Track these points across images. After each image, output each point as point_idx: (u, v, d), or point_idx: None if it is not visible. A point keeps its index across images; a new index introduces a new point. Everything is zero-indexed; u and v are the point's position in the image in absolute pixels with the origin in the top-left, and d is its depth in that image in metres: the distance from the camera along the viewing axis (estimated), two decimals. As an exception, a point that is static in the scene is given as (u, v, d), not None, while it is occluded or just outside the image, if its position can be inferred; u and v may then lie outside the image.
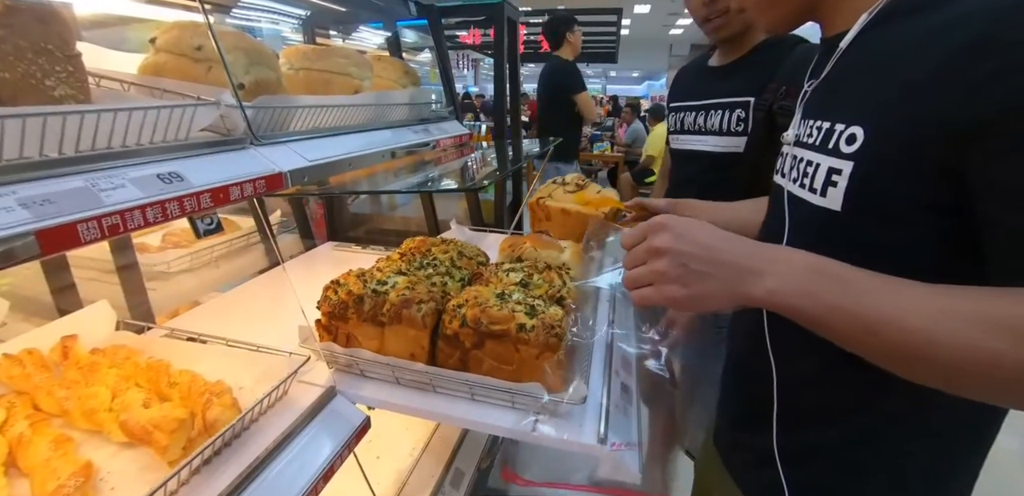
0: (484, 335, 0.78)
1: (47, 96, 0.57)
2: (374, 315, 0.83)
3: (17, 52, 0.55)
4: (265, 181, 0.68)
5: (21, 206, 0.44)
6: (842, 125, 0.55)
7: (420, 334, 0.82)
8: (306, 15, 1.62)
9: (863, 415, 0.62)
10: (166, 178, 0.57)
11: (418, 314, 0.81)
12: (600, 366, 0.89)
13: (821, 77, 0.63)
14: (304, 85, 1.04)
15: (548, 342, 0.76)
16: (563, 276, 0.96)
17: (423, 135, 1.24)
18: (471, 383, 0.78)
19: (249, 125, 0.74)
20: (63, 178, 0.50)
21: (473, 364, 0.81)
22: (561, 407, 0.76)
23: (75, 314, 0.96)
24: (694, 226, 0.54)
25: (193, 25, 0.78)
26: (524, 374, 0.78)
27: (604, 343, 0.96)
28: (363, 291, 0.85)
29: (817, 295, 0.47)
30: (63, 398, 0.75)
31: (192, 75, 0.76)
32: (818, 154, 0.59)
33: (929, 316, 0.44)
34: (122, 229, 0.49)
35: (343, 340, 0.88)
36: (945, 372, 0.44)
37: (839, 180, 0.55)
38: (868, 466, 0.64)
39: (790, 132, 0.68)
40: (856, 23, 0.57)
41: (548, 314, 0.79)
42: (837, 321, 0.47)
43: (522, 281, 0.91)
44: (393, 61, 1.40)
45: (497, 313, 0.78)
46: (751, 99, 1.16)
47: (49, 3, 0.58)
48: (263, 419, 0.75)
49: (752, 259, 0.50)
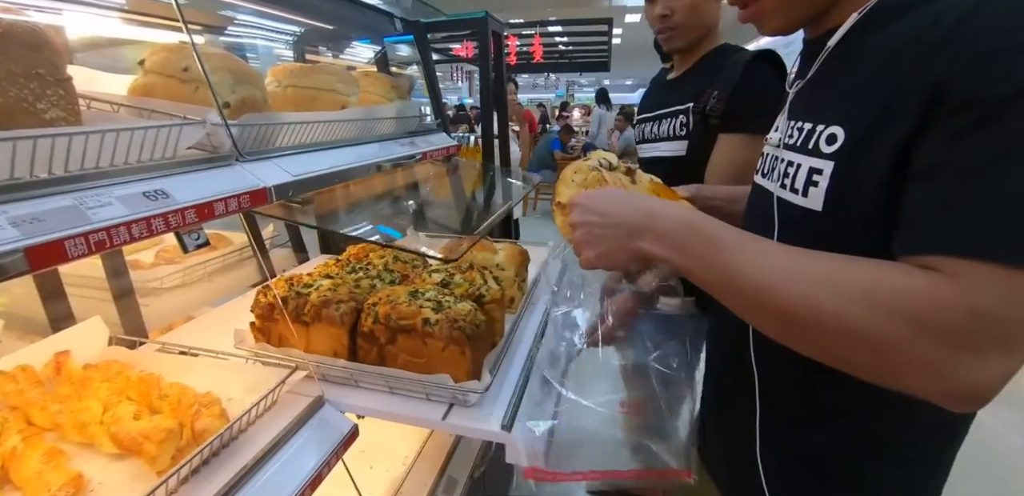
0: (395, 330, 0.85)
1: (39, 119, 0.59)
2: (298, 315, 0.89)
3: (9, 78, 0.57)
4: (249, 196, 0.71)
5: (11, 224, 0.46)
6: (822, 126, 0.56)
7: (339, 332, 0.88)
8: (295, 33, 1.66)
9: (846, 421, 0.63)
10: (152, 195, 0.59)
11: (336, 313, 0.87)
12: (522, 360, 0.97)
13: (807, 78, 0.63)
14: (292, 102, 1.07)
15: (452, 335, 0.81)
16: (486, 276, 1.02)
17: (410, 148, 1.27)
18: (386, 376, 0.84)
19: (235, 142, 0.76)
20: (52, 197, 0.52)
21: (389, 359, 0.87)
22: (471, 397, 0.81)
23: (68, 330, 0.97)
24: (596, 197, 0.63)
25: (180, 47, 0.81)
26: (435, 366, 0.83)
27: (533, 338, 1.04)
28: (288, 293, 0.92)
29: (686, 248, 0.54)
30: (56, 412, 0.76)
31: (180, 95, 0.79)
32: (799, 155, 0.59)
33: (773, 269, 0.48)
34: (108, 245, 0.51)
35: (276, 340, 0.93)
36: (778, 321, 0.49)
37: (820, 180, 0.55)
38: (849, 473, 0.65)
39: (773, 134, 0.68)
40: (845, 23, 0.57)
41: (455, 309, 0.85)
42: (702, 272, 0.53)
43: (443, 281, 0.98)
44: (380, 76, 1.43)
45: (405, 309, 0.84)
46: (691, 104, 1.23)
47: (40, 31, 0.61)
48: (252, 429, 0.76)
49: (641, 217, 0.57)
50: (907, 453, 0.63)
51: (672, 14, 1.22)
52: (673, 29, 1.24)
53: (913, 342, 0.42)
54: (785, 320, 0.48)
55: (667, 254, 0.55)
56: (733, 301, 0.52)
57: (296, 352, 0.85)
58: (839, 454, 0.64)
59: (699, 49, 1.28)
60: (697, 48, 1.28)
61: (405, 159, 1.21)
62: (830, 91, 0.59)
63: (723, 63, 1.19)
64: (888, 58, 0.51)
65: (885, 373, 0.45)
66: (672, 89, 1.34)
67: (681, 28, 1.23)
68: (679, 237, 0.54)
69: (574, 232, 0.64)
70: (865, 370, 0.46)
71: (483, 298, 0.95)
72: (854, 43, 0.57)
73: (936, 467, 0.65)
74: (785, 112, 0.67)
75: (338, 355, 0.88)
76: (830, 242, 0.54)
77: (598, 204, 0.61)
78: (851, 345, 0.45)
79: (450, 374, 0.81)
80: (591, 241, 0.61)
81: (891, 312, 0.43)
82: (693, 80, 1.26)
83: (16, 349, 0.91)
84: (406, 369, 0.84)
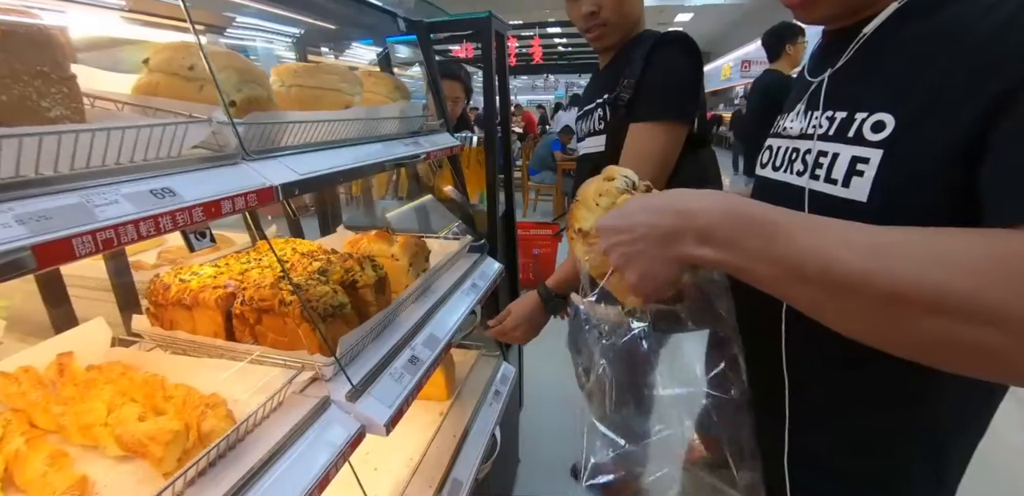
0: (259, 311, 0.92)
1: (43, 117, 0.59)
2: (179, 300, 0.97)
3: (14, 75, 0.56)
4: (256, 195, 0.70)
5: (18, 222, 0.45)
6: (864, 113, 0.54)
7: (215, 314, 0.96)
8: (298, 33, 1.65)
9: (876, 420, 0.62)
10: (159, 193, 0.58)
11: (211, 297, 0.95)
12: (394, 340, 1.04)
13: (837, 67, 0.61)
14: (296, 101, 1.06)
15: (304, 315, 0.88)
16: (365, 264, 1.09)
17: (413, 148, 1.26)
18: (250, 353, 0.91)
19: (240, 141, 0.75)
20: (59, 195, 0.51)
21: (260, 337, 0.95)
22: (327, 371, 0.86)
23: (71, 331, 0.96)
24: (618, 214, 0.54)
25: (185, 46, 0.80)
26: (295, 344, 0.91)
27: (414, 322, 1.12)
28: (173, 281, 1.01)
29: (740, 244, 0.45)
30: (59, 414, 0.75)
31: (185, 94, 0.78)
32: (836, 144, 0.57)
33: (871, 247, 0.41)
34: (116, 243, 0.51)
35: (167, 324, 1.01)
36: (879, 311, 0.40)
37: (866, 169, 0.53)
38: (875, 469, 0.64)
39: (790, 124, 0.66)
40: (885, 10, 0.56)
41: (313, 292, 0.93)
42: (766, 267, 0.44)
43: (320, 268, 1.04)
44: (383, 76, 1.42)
45: (266, 292, 0.93)
46: (606, 95, 1.18)
47: (44, 28, 0.60)
48: (258, 430, 0.75)
49: (673, 219, 0.49)
50: (933, 449, 0.62)
51: (599, 10, 1.16)
52: (603, 26, 1.18)
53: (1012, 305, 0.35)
54: (890, 308, 0.40)
55: (718, 255, 0.46)
56: (812, 294, 0.44)
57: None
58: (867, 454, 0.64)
59: (623, 42, 1.23)
60: (623, 42, 1.23)
61: (409, 159, 1.20)
62: (870, 79, 0.57)
63: (640, 52, 1.13)
64: (938, 44, 0.49)
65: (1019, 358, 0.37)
66: (596, 83, 1.29)
67: (610, 25, 1.18)
68: (726, 232, 0.46)
69: (610, 259, 0.56)
70: (990, 359, 0.38)
71: (356, 283, 1.04)
72: (891, 31, 0.56)
73: (960, 464, 0.65)
74: (805, 101, 0.65)
75: (217, 336, 0.97)
76: None
77: (622, 220, 0.53)
78: (980, 326, 0.36)
79: (307, 350, 0.89)
80: (627, 264, 0.52)
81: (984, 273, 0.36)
82: (611, 71, 1.21)
83: (18, 350, 0.90)
84: (275, 347, 0.93)
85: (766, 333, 0.67)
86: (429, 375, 1.03)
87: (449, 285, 1.35)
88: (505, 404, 1.58)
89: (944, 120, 0.47)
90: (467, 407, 1.48)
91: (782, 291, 0.46)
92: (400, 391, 0.93)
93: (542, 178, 6.47)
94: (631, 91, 1.10)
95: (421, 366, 1.01)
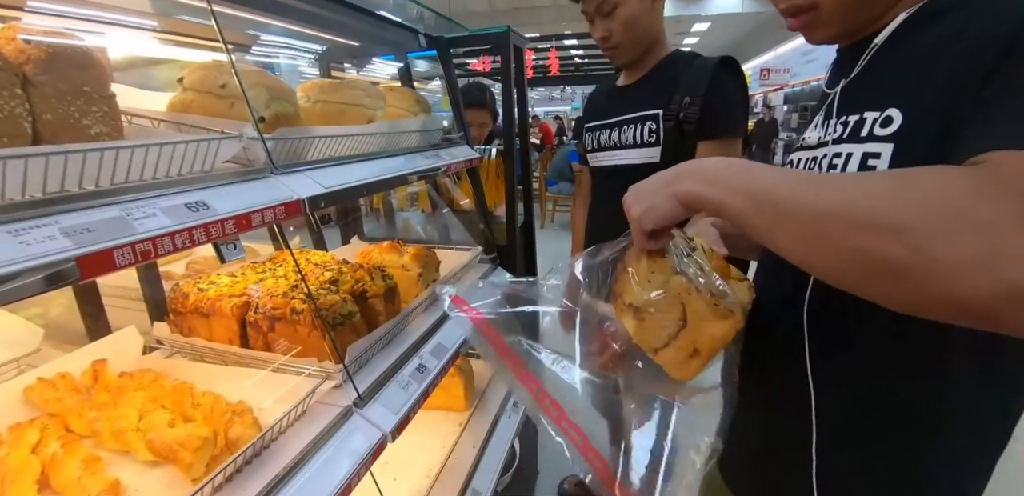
0: (272, 319, 0.95)
1: (85, 134, 0.62)
2: (197, 308, 1.00)
3: (58, 95, 0.60)
4: (284, 208, 0.72)
5: (63, 235, 0.48)
6: (875, 112, 0.55)
7: (230, 322, 0.98)
8: (322, 50, 1.70)
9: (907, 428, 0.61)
10: (193, 207, 0.61)
11: (227, 306, 0.98)
12: (403, 347, 1.06)
13: (851, 77, 0.62)
14: (321, 117, 1.09)
15: (315, 322, 0.91)
16: (375, 275, 1.11)
17: (434, 160, 1.29)
18: (265, 360, 0.93)
19: (269, 155, 0.78)
20: (100, 208, 0.54)
21: (273, 345, 0.97)
22: (336, 377, 0.88)
23: (105, 339, 1.00)
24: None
25: (217, 65, 0.84)
26: (307, 351, 0.92)
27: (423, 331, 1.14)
28: (192, 289, 1.04)
29: (722, 181, 0.52)
30: (93, 419, 0.78)
31: (217, 111, 0.82)
32: (849, 144, 0.58)
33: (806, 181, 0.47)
34: (153, 254, 0.53)
35: (187, 332, 1.03)
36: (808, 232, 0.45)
37: (877, 164, 0.54)
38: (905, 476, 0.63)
39: (812, 135, 0.67)
40: (894, 21, 0.57)
41: (323, 300, 0.96)
42: (738, 200, 0.50)
43: (331, 278, 1.07)
44: (405, 91, 1.46)
45: (279, 300, 0.95)
46: (659, 111, 1.24)
47: (87, 50, 0.64)
48: (282, 438, 0.77)
49: (680, 167, 0.58)
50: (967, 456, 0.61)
51: (611, 35, 1.27)
52: (615, 48, 1.29)
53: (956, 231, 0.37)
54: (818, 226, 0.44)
55: (704, 189, 0.53)
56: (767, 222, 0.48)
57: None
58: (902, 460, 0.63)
59: (651, 57, 1.31)
60: (649, 57, 1.31)
61: (430, 171, 1.23)
62: (879, 82, 0.58)
63: (682, 68, 1.23)
64: (944, 45, 0.50)
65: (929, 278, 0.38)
66: (628, 96, 1.35)
67: (622, 47, 1.28)
68: (717, 172, 0.54)
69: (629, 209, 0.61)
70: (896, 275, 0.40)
71: (366, 293, 1.06)
72: (901, 39, 0.57)
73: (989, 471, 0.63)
74: (822, 113, 0.66)
75: (232, 343, 1.00)
76: None
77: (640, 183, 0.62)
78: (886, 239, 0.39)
79: (317, 357, 0.91)
80: (637, 200, 0.59)
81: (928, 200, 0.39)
82: (654, 86, 1.28)
83: (54, 357, 0.94)
84: (287, 354, 0.95)
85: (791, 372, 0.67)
86: (436, 383, 1.05)
87: (459, 295, 1.36)
88: (524, 416, 1.58)
89: (948, 108, 0.48)
90: (486, 418, 1.48)
91: (749, 223, 0.50)
92: (407, 399, 0.94)
93: (559, 189, 6.48)
94: (697, 109, 1.17)
95: (428, 374, 1.03)
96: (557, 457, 0.67)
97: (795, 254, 0.47)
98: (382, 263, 1.28)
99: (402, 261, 1.30)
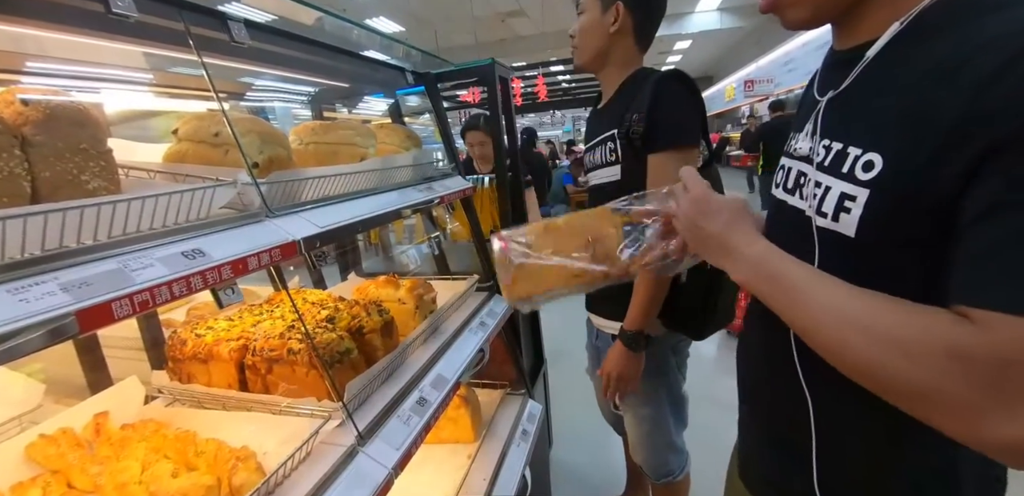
0: (270, 361, 0.94)
1: (83, 189, 0.63)
2: (195, 354, 1.00)
3: (56, 154, 0.61)
4: (280, 250, 0.73)
5: (62, 290, 0.48)
6: (858, 150, 0.55)
7: (228, 366, 0.98)
8: (313, 92, 1.75)
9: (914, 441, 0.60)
10: (190, 254, 0.62)
11: (225, 350, 0.97)
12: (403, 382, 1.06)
13: (839, 89, 0.61)
14: (314, 157, 1.12)
15: (312, 361, 0.90)
16: (371, 310, 1.11)
17: (427, 193, 1.31)
18: (265, 403, 0.92)
19: (264, 199, 0.80)
20: (98, 262, 0.55)
21: (272, 387, 0.97)
22: (336, 415, 0.87)
23: (106, 391, 0.99)
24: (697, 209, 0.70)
25: (210, 115, 0.86)
26: (306, 391, 0.92)
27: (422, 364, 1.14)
28: (189, 336, 1.03)
29: (755, 284, 0.62)
30: (96, 474, 0.77)
31: (211, 159, 0.84)
32: (829, 177, 0.58)
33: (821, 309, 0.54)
34: (151, 304, 0.53)
35: (186, 379, 1.03)
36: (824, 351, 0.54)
37: (852, 207, 0.55)
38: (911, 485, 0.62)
39: (800, 145, 0.67)
40: (886, 32, 0.55)
41: (319, 339, 0.95)
42: (769, 303, 0.60)
43: (328, 316, 1.07)
44: (395, 127, 1.49)
45: (275, 342, 0.95)
46: (615, 130, 1.29)
47: (84, 108, 0.66)
48: (288, 482, 0.76)
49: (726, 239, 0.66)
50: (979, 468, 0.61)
51: (574, 34, 1.37)
52: (574, 47, 1.39)
53: (941, 390, 0.45)
54: (830, 359, 0.54)
55: (739, 280, 0.64)
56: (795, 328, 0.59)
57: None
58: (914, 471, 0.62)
59: (615, 77, 1.36)
60: (613, 77, 1.37)
61: (424, 204, 1.24)
62: (866, 109, 0.57)
63: (640, 86, 1.27)
64: (931, 82, 0.50)
65: (923, 416, 0.48)
66: (600, 117, 1.42)
67: (577, 48, 1.38)
68: (750, 272, 0.63)
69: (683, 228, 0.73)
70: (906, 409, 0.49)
71: (363, 329, 1.06)
72: (892, 56, 0.56)
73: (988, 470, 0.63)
74: (810, 123, 0.65)
75: (231, 387, 0.99)
76: (869, 266, 0.55)
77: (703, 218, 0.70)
78: (888, 388, 0.49)
79: (316, 396, 0.90)
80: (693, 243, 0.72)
81: (919, 359, 0.46)
82: (616, 106, 1.34)
83: (55, 413, 0.93)
84: (286, 395, 0.94)
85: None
86: (438, 415, 1.04)
87: (457, 325, 1.36)
88: (534, 443, 1.55)
89: (930, 165, 0.48)
90: (495, 449, 1.45)
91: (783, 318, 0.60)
92: (408, 433, 0.93)
93: (556, 212, 6.53)
94: (642, 124, 1.20)
95: (429, 407, 1.03)
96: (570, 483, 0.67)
97: None
98: (378, 298, 1.28)
99: (398, 295, 1.31)
